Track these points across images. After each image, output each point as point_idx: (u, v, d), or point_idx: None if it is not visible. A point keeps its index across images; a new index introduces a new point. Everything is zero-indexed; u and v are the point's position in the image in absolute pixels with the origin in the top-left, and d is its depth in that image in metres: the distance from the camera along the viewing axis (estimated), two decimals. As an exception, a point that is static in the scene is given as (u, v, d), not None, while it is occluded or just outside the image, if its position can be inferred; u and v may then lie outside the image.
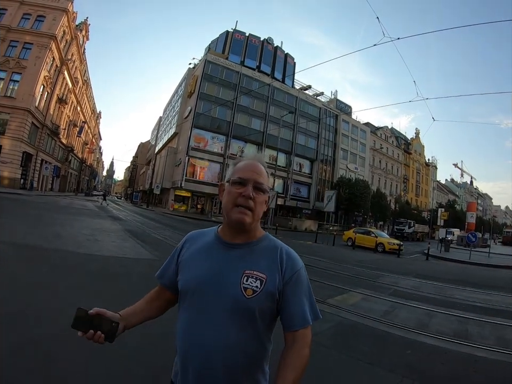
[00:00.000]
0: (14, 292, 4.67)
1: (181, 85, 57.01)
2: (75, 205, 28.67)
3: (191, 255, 1.34)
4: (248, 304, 1.18)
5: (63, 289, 5.16)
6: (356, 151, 62.06)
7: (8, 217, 12.79)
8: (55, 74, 39.51)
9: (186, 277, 1.30)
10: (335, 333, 4.96)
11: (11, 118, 32.43)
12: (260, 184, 1.26)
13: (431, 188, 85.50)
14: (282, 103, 51.50)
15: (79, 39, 46.19)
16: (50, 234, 10.20)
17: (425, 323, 5.95)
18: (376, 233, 24.90)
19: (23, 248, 7.57)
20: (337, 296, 7.30)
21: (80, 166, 70.69)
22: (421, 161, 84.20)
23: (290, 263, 1.27)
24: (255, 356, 1.22)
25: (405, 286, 9.83)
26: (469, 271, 16.73)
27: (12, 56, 33.27)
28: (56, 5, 36.31)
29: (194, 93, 46.21)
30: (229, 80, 47.37)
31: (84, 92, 61.14)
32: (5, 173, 31.87)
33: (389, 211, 56.87)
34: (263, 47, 53.22)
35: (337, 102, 63.67)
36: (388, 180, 70.19)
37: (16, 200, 21.07)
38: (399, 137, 78.98)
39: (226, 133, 45.99)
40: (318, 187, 55.24)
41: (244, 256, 1.27)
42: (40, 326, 3.69)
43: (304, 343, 1.20)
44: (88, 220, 17.09)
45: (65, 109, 47.20)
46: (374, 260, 16.76)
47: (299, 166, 54.01)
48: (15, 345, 3.14)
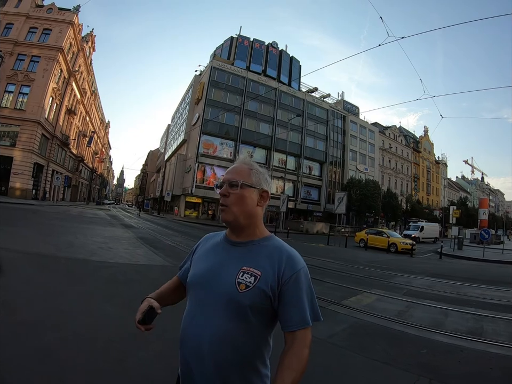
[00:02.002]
0: (30, 299, 4.73)
1: (188, 92, 57.05)
2: (87, 214, 28.87)
3: (202, 253, 1.44)
4: (240, 299, 1.20)
5: (77, 295, 5.21)
6: (365, 152, 61.38)
7: (21, 227, 12.93)
8: (63, 85, 39.94)
9: (192, 273, 1.38)
10: (350, 333, 5.01)
11: (21, 130, 32.87)
12: (232, 180, 1.32)
13: (442, 185, 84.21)
14: (290, 106, 51.16)
15: (85, 51, 46.54)
16: (63, 243, 10.25)
17: (440, 322, 5.94)
18: (388, 233, 24.82)
19: (37, 257, 7.61)
20: (351, 297, 7.33)
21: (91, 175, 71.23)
22: (430, 159, 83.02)
23: (290, 264, 1.27)
24: (247, 353, 1.22)
25: (418, 285, 9.81)
26: (483, 268, 16.69)
27: (20, 70, 33.73)
28: (61, 18, 36.76)
29: (201, 99, 46.20)
30: (236, 86, 47.26)
31: (92, 102, 61.53)
32: (17, 184, 32.44)
33: (400, 211, 56.13)
34: (268, 51, 53.15)
35: (344, 103, 63.15)
36: (398, 180, 69.24)
37: (28, 210, 21.29)
38: (408, 136, 78.05)
39: (235, 138, 45.81)
40: (328, 189, 54.70)
41: (244, 254, 1.31)
42: (58, 331, 3.72)
43: (303, 344, 1.19)
44: (100, 228, 17.18)
45: (74, 119, 47.61)
46: (387, 260, 16.80)
47: (308, 168, 53.59)
48: (32, 351, 3.16)
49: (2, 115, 32.39)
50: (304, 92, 55.19)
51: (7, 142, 32.86)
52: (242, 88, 47.44)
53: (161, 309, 1.38)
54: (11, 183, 32.31)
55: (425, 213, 60.85)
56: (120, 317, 4.39)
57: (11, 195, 31.25)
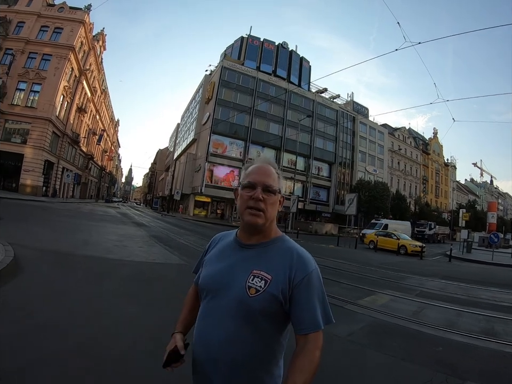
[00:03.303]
0: (51, 297, 4.76)
1: (198, 92, 56.94)
2: (97, 211, 29.02)
3: (212, 254, 1.42)
4: (250, 303, 1.19)
5: (99, 294, 5.26)
6: (374, 153, 60.70)
7: (35, 224, 12.99)
8: (74, 84, 40.16)
9: (203, 275, 1.37)
10: (369, 332, 5.14)
11: (32, 127, 33.22)
12: (268, 186, 1.29)
13: (451, 188, 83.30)
14: (300, 107, 50.80)
15: (96, 50, 46.78)
16: (78, 240, 10.34)
17: (453, 322, 6.08)
18: (398, 235, 24.57)
19: (54, 255, 7.60)
20: (366, 297, 7.42)
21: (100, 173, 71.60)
22: (439, 161, 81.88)
23: (302, 266, 1.25)
24: (259, 355, 1.21)
25: (430, 287, 9.92)
26: (492, 271, 16.76)
27: (32, 68, 34.05)
28: (73, 16, 37.11)
29: (212, 99, 46.08)
30: (246, 86, 47.06)
31: (102, 101, 61.78)
32: (28, 180, 32.71)
33: (409, 213, 55.39)
34: (278, 51, 53.02)
35: (354, 104, 62.51)
36: (407, 181, 68.39)
37: (40, 207, 21.42)
38: (417, 138, 77.06)
39: (245, 138, 45.57)
40: (337, 190, 54.26)
41: (255, 256, 1.29)
42: (83, 328, 3.79)
43: (315, 347, 1.18)
44: (112, 226, 17.37)
45: (84, 117, 47.96)
46: (397, 262, 16.88)
47: (318, 169, 53.13)
48: (55, 351, 3.16)
49: (13, 112, 32.72)
50: (314, 93, 54.69)
51: (18, 139, 33.21)
52: (253, 88, 47.25)
53: None
54: (22, 179, 32.56)
55: (434, 215, 60.02)
56: (144, 316, 4.44)
57: (21, 192, 31.41)
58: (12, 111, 32.56)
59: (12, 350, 3.06)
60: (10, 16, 34.50)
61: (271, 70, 51.34)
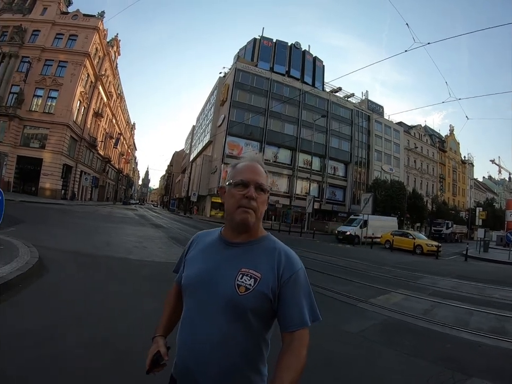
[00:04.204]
0: (78, 294, 4.99)
1: (212, 94, 56.88)
2: (116, 213, 29.38)
3: (195, 253, 1.38)
4: (240, 301, 1.17)
5: (123, 294, 5.40)
6: (390, 152, 59.42)
7: (57, 227, 13.11)
8: (90, 89, 40.85)
9: (186, 274, 1.34)
10: (380, 329, 5.20)
11: (50, 132, 33.98)
12: (260, 184, 1.28)
13: (468, 186, 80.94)
14: (314, 106, 50.12)
15: (111, 55, 47.37)
16: (99, 242, 10.53)
17: (464, 320, 6.07)
18: (414, 235, 24.52)
19: (76, 256, 7.73)
20: (379, 296, 7.43)
21: (117, 176, 72.12)
22: (456, 159, 79.71)
23: (289, 264, 1.25)
24: (249, 354, 1.20)
25: (444, 286, 9.89)
26: (508, 271, 16.56)
27: (48, 74, 34.95)
28: (87, 24, 37.70)
29: (226, 101, 45.97)
30: (260, 87, 46.79)
31: (118, 105, 62.23)
32: (47, 184, 33.44)
33: (426, 212, 54.22)
34: (291, 52, 52.63)
35: (368, 102, 61.24)
36: (424, 180, 66.71)
37: (59, 210, 21.80)
38: (433, 135, 75.19)
39: (260, 139, 45.22)
40: (353, 190, 53.28)
41: (242, 255, 1.27)
42: (112, 322, 4.02)
43: (301, 344, 1.18)
44: (131, 228, 17.52)
45: (101, 122, 48.55)
46: (412, 262, 16.80)
47: (333, 169, 52.24)
48: (81, 344, 3.33)
49: (32, 118, 33.51)
50: (328, 92, 53.83)
51: (36, 144, 34.08)
52: (267, 89, 46.96)
53: None
54: (41, 183, 33.26)
55: (451, 214, 58.64)
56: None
57: (41, 195, 32.06)
58: (30, 117, 33.34)
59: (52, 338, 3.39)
60: (25, 25, 35.39)
61: (285, 71, 50.95)
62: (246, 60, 49.86)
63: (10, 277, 4.93)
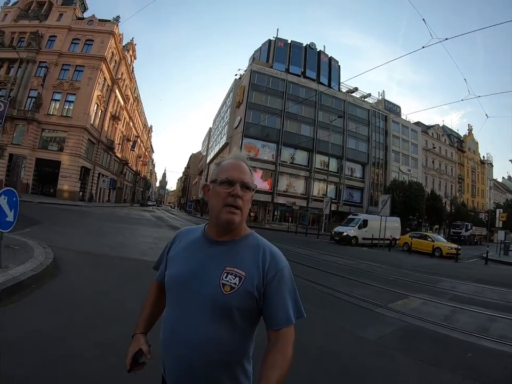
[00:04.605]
0: (91, 295, 4.99)
1: (228, 96, 56.55)
2: (133, 215, 29.61)
3: (178, 251, 1.36)
4: (225, 300, 1.16)
5: (138, 293, 5.20)
6: (407, 152, 57.97)
7: (73, 228, 13.30)
8: (107, 93, 41.38)
9: (170, 272, 1.31)
10: (399, 336, 4.98)
11: (68, 135, 34.58)
12: (246, 182, 1.26)
13: (488, 187, 78.70)
14: (331, 107, 49.20)
15: (127, 59, 47.80)
16: (114, 243, 10.58)
17: (486, 327, 5.81)
18: (433, 237, 23.99)
19: (91, 256, 7.81)
20: (397, 301, 7.22)
21: (135, 178, 72.51)
22: (475, 159, 77.11)
23: (274, 262, 1.24)
24: (235, 353, 1.20)
25: (464, 291, 9.59)
26: None
27: (65, 79, 35.72)
28: (102, 28, 38.24)
29: (242, 103, 45.52)
30: (276, 88, 46.19)
31: (135, 108, 62.61)
32: (65, 186, 34.09)
33: (445, 214, 52.85)
34: (306, 52, 52.01)
35: (385, 102, 59.85)
36: (442, 181, 64.80)
37: (77, 212, 22.06)
38: (451, 135, 72.92)
39: (277, 141, 44.54)
40: (371, 191, 52.16)
41: (226, 253, 1.26)
42: (119, 327, 3.73)
43: (287, 342, 1.18)
44: (147, 229, 17.48)
45: (118, 125, 49.06)
46: (431, 265, 16.49)
47: (351, 170, 51.19)
48: (91, 346, 3.29)
49: (50, 122, 34.28)
50: (344, 93, 52.90)
51: (55, 147, 34.77)
52: (283, 90, 46.37)
53: None
54: (59, 185, 33.95)
55: (470, 216, 56.99)
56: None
57: (59, 197, 32.75)
58: (48, 121, 34.08)
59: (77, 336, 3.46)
60: (42, 31, 36.27)
61: (300, 72, 50.27)
62: (261, 62, 49.52)
63: (23, 277, 4.96)
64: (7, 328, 3.49)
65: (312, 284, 7.89)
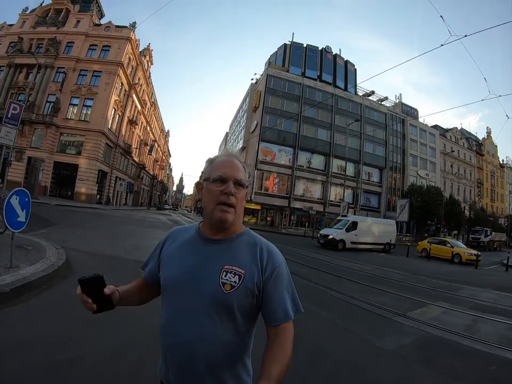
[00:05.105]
0: None
1: (245, 100, 56.36)
2: (149, 218, 29.32)
3: (172, 251, 1.32)
4: (226, 299, 1.15)
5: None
6: (425, 156, 56.38)
7: (89, 230, 13.28)
8: (124, 98, 41.70)
9: (167, 273, 1.28)
10: (418, 346, 4.74)
11: (86, 139, 34.91)
12: (239, 180, 1.25)
13: (507, 191, 76.25)
14: (347, 111, 48.29)
15: (144, 64, 48.04)
16: (129, 245, 10.53)
17: (510, 338, 5.49)
18: (452, 243, 23.09)
19: (104, 258, 7.80)
20: (416, 309, 6.93)
21: (152, 182, 72.64)
22: (494, 162, 74.58)
23: (271, 259, 1.23)
24: (236, 350, 1.19)
25: (485, 299, 9.25)
26: None
27: (83, 84, 36.22)
28: (119, 34, 38.57)
29: (259, 107, 45.12)
30: (292, 93, 45.69)
31: (152, 113, 62.89)
32: (82, 189, 34.37)
33: (464, 219, 51.27)
34: (322, 56, 51.59)
35: (402, 105, 58.59)
36: (461, 185, 62.81)
37: (94, 214, 22.12)
38: (470, 138, 70.88)
39: (293, 145, 43.93)
40: (388, 196, 50.92)
41: (223, 252, 1.24)
42: (127, 332, 3.84)
43: (287, 338, 1.18)
44: (163, 233, 16.87)
45: (135, 129, 49.43)
46: (450, 272, 15.99)
47: (368, 175, 50.14)
48: (96, 351, 3.25)
49: (68, 126, 34.75)
50: (361, 96, 51.81)
51: (73, 151, 35.23)
52: (299, 94, 45.79)
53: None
54: (76, 188, 34.24)
55: (490, 221, 55.20)
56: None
57: (76, 199, 33.01)
58: (66, 125, 34.55)
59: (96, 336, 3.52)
60: (59, 37, 36.89)
61: (316, 75, 49.82)
62: (277, 66, 49.15)
63: (33, 277, 4.94)
64: (13, 328, 3.50)
65: (326, 289, 7.76)
